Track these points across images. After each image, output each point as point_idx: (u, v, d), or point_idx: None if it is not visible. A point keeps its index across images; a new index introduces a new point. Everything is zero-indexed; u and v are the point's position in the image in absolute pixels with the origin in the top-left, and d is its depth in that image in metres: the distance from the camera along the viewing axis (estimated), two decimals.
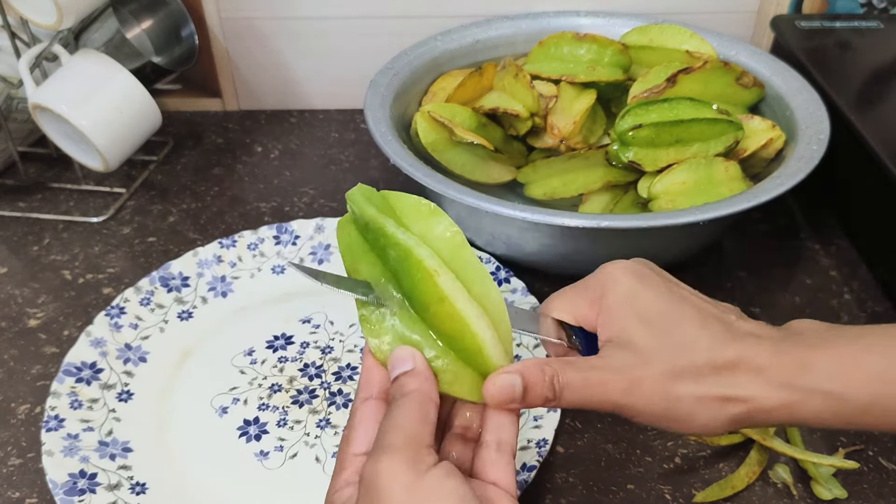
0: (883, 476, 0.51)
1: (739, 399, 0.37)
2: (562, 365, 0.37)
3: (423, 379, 0.36)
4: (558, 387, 0.37)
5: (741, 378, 0.37)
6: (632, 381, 0.37)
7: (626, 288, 0.39)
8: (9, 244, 0.71)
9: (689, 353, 0.37)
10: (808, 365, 0.36)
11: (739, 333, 0.38)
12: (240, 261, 0.65)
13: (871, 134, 0.63)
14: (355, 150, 0.83)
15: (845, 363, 0.36)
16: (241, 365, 0.58)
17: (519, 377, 0.36)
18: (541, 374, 0.36)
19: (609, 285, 0.40)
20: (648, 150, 0.63)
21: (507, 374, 0.36)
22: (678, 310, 0.38)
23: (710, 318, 0.38)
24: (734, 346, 0.37)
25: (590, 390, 0.37)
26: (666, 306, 0.39)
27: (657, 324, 0.38)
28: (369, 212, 0.38)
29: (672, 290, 0.39)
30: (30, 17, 0.66)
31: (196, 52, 0.83)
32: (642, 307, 0.38)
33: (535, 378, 0.36)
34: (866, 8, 0.82)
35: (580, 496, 0.50)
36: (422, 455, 0.33)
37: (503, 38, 0.78)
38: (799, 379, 0.36)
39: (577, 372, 0.37)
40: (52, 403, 0.53)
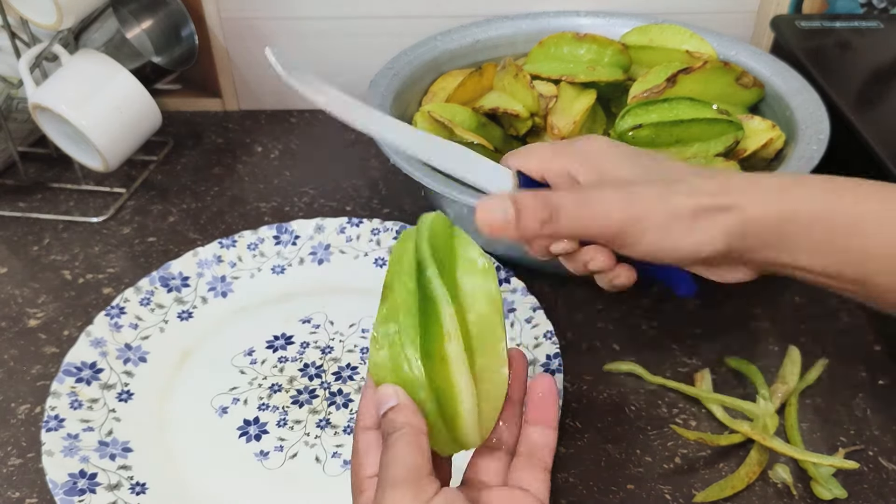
0: (883, 476, 0.51)
1: (733, 207, 0.38)
2: (550, 191, 0.38)
3: (410, 413, 0.36)
4: (553, 207, 0.37)
5: (733, 188, 0.39)
6: (630, 194, 0.38)
7: (600, 142, 0.42)
8: (9, 244, 0.71)
9: (679, 174, 0.40)
10: (800, 181, 0.40)
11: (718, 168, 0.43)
12: (240, 261, 0.65)
13: (871, 134, 0.63)
14: (355, 150, 0.83)
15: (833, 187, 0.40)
16: (241, 365, 0.58)
17: (509, 200, 0.37)
18: (532, 198, 0.37)
19: (582, 140, 0.42)
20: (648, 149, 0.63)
21: (496, 199, 0.37)
22: (654, 156, 0.42)
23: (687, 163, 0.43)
24: (721, 172, 0.40)
25: (588, 208, 0.38)
26: (642, 156, 0.42)
27: (642, 161, 0.41)
28: (423, 248, 0.38)
29: (646, 152, 0.43)
30: (30, 17, 0.66)
31: (196, 52, 0.83)
32: (624, 153, 0.41)
33: (527, 201, 0.37)
34: (866, 8, 0.82)
35: (580, 496, 0.50)
36: (423, 485, 0.34)
37: (503, 38, 0.78)
38: (791, 189, 0.39)
39: (571, 194, 0.38)
40: (52, 403, 0.53)
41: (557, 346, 0.57)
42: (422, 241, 0.38)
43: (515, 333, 0.59)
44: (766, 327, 0.62)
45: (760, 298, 0.64)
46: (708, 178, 0.40)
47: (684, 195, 0.39)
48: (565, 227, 0.37)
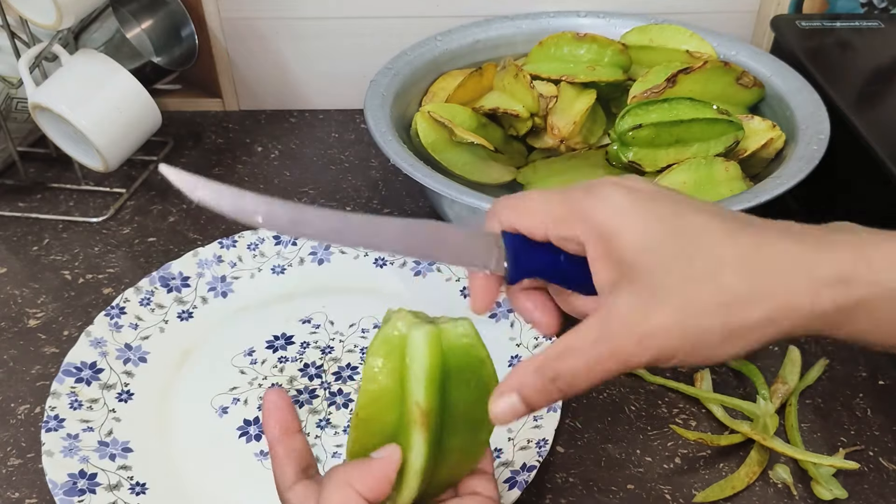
0: (883, 476, 0.51)
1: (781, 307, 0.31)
2: (557, 358, 0.32)
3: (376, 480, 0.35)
4: (565, 384, 0.33)
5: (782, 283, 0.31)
6: (644, 335, 0.31)
7: (623, 204, 0.32)
8: (9, 244, 0.71)
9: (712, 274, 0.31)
10: (866, 256, 0.31)
11: (776, 231, 0.32)
12: (240, 261, 0.65)
13: (871, 134, 0.63)
14: (355, 150, 0.83)
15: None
16: (241, 365, 0.58)
17: (517, 395, 0.33)
18: (540, 383, 0.33)
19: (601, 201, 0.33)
20: (648, 150, 0.63)
21: (505, 396, 0.33)
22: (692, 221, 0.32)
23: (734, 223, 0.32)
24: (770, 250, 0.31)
25: (602, 368, 0.32)
26: (676, 220, 0.32)
27: (667, 244, 0.31)
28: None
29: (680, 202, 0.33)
30: (29, 17, 0.66)
31: (196, 52, 0.83)
32: (646, 224, 0.32)
33: (534, 390, 0.33)
34: (867, 8, 0.82)
35: (580, 496, 0.50)
36: None
37: (503, 38, 0.78)
38: (856, 271, 0.31)
39: (580, 359, 0.32)
40: (52, 403, 0.53)
41: None
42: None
43: (515, 333, 0.59)
44: None
45: None
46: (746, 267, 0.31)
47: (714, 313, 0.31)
48: (580, 391, 0.33)
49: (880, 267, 0.31)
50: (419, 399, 0.34)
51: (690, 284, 0.31)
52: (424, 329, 0.34)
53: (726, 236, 0.32)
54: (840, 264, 0.31)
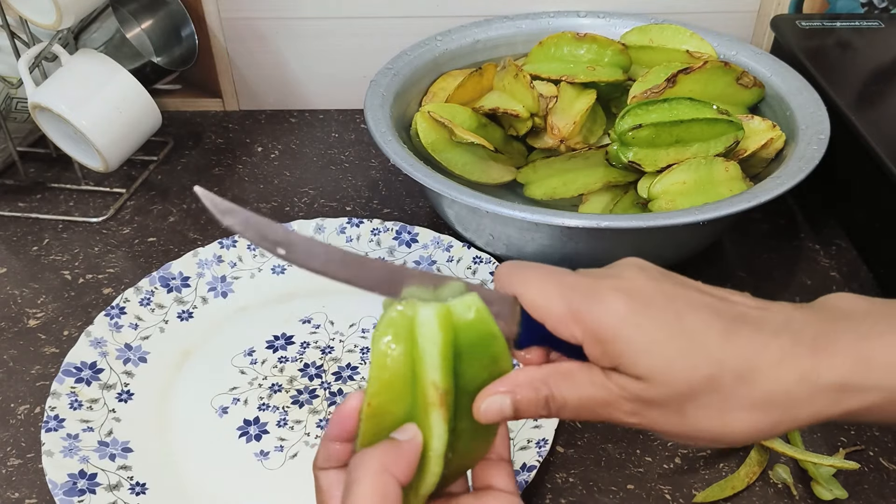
0: (883, 476, 0.51)
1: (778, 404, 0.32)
2: (558, 381, 0.34)
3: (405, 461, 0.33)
4: (555, 407, 0.34)
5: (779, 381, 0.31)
6: (640, 406, 0.33)
7: (622, 311, 0.33)
8: (9, 244, 0.71)
9: (709, 372, 0.32)
10: (866, 359, 0.31)
11: (772, 330, 0.32)
12: (240, 261, 0.65)
13: (871, 134, 0.63)
14: (355, 150, 0.83)
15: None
16: (241, 365, 0.58)
17: (509, 398, 0.33)
18: (534, 395, 0.34)
19: (601, 308, 0.33)
20: (648, 150, 0.63)
21: (497, 395, 0.34)
22: (690, 324, 0.32)
23: (734, 322, 0.33)
24: (769, 350, 0.32)
25: (590, 409, 0.34)
26: (674, 324, 0.32)
27: (666, 347, 0.32)
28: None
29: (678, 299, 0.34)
30: (29, 17, 0.66)
31: (196, 52, 0.83)
32: (645, 331, 0.32)
33: (527, 399, 0.33)
34: (867, 8, 0.82)
35: (580, 496, 0.50)
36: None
37: (503, 38, 0.78)
38: (856, 377, 0.31)
39: (575, 390, 0.33)
40: (52, 403, 0.53)
41: None
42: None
43: None
44: None
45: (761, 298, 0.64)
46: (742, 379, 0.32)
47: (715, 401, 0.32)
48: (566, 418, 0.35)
49: (880, 371, 0.31)
50: (436, 379, 0.33)
51: (690, 380, 0.32)
52: (432, 306, 0.33)
53: (725, 339, 0.32)
54: (839, 371, 0.31)
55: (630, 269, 0.35)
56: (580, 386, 0.34)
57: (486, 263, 0.64)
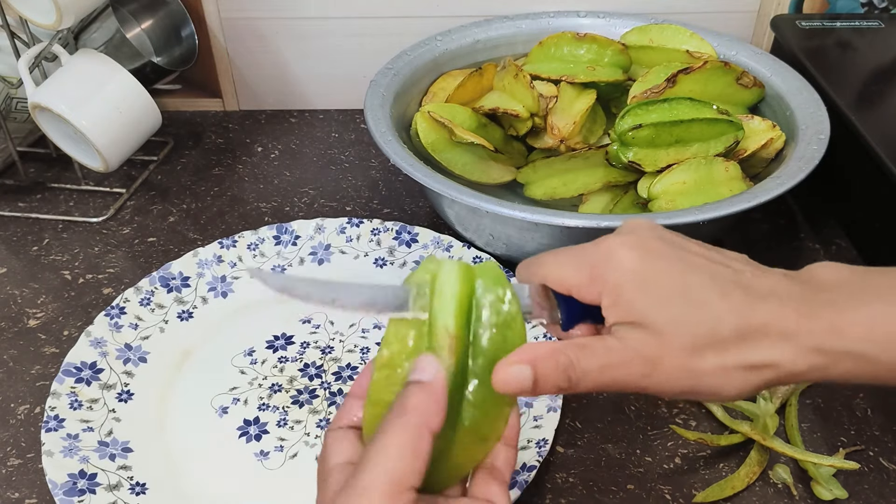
0: (883, 476, 0.51)
1: (768, 365, 0.35)
2: (576, 351, 0.35)
3: (434, 400, 0.33)
4: (574, 377, 0.35)
5: (768, 344, 0.35)
6: (652, 362, 0.35)
7: (632, 266, 0.36)
8: (9, 244, 0.71)
9: (710, 326, 0.35)
10: (839, 328, 0.34)
11: (761, 295, 0.35)
12: (240, 261, 0.65)
13: (871, 134, 0.63)
14: (355, 150, 0.83)
15: (877, 324, 0.34)
16: (241, 365, 0.58)
17: (530, 368, 0.34)
18: (554, 365, 0.34)
19: (613, 264, 0.36)
20: (648, 150, 0.63)
21: (517, 365, 0.34)
22: (693, 282, 0.36)
23: (727, 284, 0.36)
24: (758, 313, 0.35)
25: (608, 375, 0.35)
26: (678, 280, 0.36)
27: (672, 301, 0.35)
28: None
29: (682, 259, 0.37)
30: (29, 17, 0.66)
31: (196, 52, 0.83)
32: (653, 286, 0.35)
33: (548, 369, 0.34)
34: (867, 8, 0.82)
35: (580, 496, 0.50)
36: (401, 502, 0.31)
37: (503, 38, 0.78)
38: (829, 342, 0.34)
39: (594, 358, 0.35)
40: (52, 403, 0.53)
41: None
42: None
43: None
44: None
45: None
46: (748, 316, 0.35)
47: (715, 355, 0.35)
48: (584, 390, 0.35)
49: (850, 340, 0.34)
50: (448, 324, 0.33)
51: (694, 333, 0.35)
52: (456, 262, 0.35)
53: (722, 298, 0.35)
54: (817, 336, 0.35)
55: (640, 228, 0.38)
56: (598, 353, 0.35)
57: None
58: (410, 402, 0.33)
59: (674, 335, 0.35)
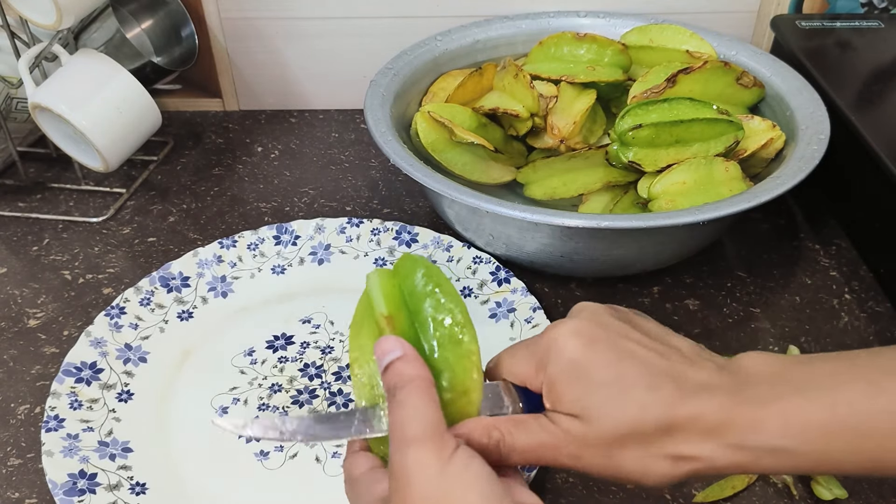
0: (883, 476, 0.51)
1: (690, 458, 0.36)
2: (510, 427, 0.37)
3: (419, 364, 0.36)
4: (505, 450, 0.36)
5: (691, 438, 0.36)
6: (579, 448, 0.36)
7: (570, 355, 0.37)
8: (9, 244, 0.71)
9: (635, 417, 0.36)
10: (758, 425, 0.35)
11: (690, 390, 0.36)
12: (240, 261, 0.65)
13: (871, 134, 0.63)
14: (355, 150, 0.83)
15: (792, 421, 0.35)
16: (241, 365, 0.58)
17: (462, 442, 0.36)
18: (486, 440, 0.36)
19: (553, 354, 0.38)
20: (648, 150, 0.63)
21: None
22: (625, 372, 0.37)
23: (659, 375, 0.37)
24: (684, 408, 0.36)
25: (538, 454, 0.37)
26: (612, 370, 0.37)
27: (601, 391, 0.36)
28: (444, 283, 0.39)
29: (619, 348, 0.38)
30: (29, 17, 0.66)
31: (196, 52, 0.83)
32: (585, 375, 0.37)
33: (479, 443, 0.36)
34: (867, 8, 0.82)
35: (580, 496, 0.50)
36: (445, 441, 0.33)
37: (503, 38, 0.78)
38: (750, 439, 0.35)
39: (526, 436, 0.37)
40: (52, 403, 0.53)
41: None
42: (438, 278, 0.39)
43: (515, 334, 0.59)
44: (765, 327, 0.62)
45: (760, 298, 0.64)
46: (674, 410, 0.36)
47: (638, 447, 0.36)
48: (514, 463, 0.37)
49: (769, 434, 0.35)
50: (382, 310, 0.38)
51: (618, 423, 0.36)
52: (373, 272, 0.40)
53: (650, 390, 0.36)
54: (738, 433, 0.35)
55: (586, 311, 0.40)
56: (531, 431, 0.37)
57: (485, 263, 0.64)
58: (399, 374, 0.35)
59: (599, 424, 0.36)
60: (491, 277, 0.63)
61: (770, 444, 0.35)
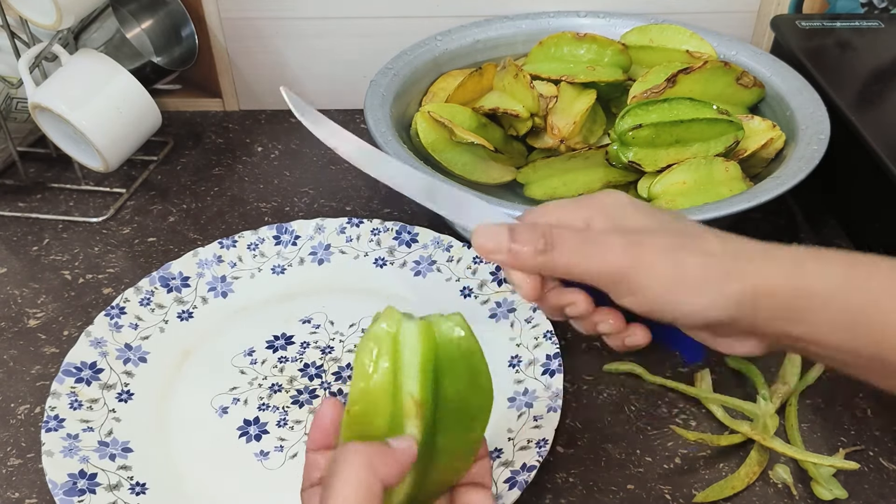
0: (883, 476, 0.51)
1: (744, 274, 0.36)
2: (555, 224, 0.37)
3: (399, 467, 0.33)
4: (551, 240, 0.35)
5: (745, 255, 0.37)
6: (637, 241, 0.36)
7: (627, 197, 0.39)
8: (9, 244, 0.71)
9: (695, 231, 0.37)
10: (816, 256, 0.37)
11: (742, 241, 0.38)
12: (240, 261, 0.65)
13: (871, 134, 0.63)
14: None
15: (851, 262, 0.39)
16: (241, 365, 0.58)
17: (506, 227, 0.35)
18: (530, 228, 0.35)
19: (609, 195, 0.39)
20: (648, 150, 0.63)
21: (494, 225, 0.36)
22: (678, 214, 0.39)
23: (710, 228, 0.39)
24: (738, 239, 0.37)
25: (589, 246, 0.36)
26: (667, 211, 0.39)
27: (659, 216, 0.38)
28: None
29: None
30: (29, 17, 0.66)
31: (196, 52, 0.83)
32: (643, 208, 0.39)
33: (523, 229, 0.35)
34: (867, 8, 0.82)
35: (580, 496, 0.50)
36: None
37: (503, 38, 0.78)
38: (806, 264, 0.37)
39: (574, 230, 0.36)
40: (52, 403, 0.53)
41: (557, 346, 0.57)
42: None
43: (515, 334, 0.59)
44: None
45: None
46: (723, 241, 0.38)
47: (694, 253, 0.36)
48: (562, 263, 0.35)
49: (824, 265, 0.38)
50: (413, 390, 0.34)
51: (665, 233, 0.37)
52: (416, 321, 0.35)
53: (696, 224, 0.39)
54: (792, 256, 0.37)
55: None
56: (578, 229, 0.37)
57: (486, 263, 0.64)
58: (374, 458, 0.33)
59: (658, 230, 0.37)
60: (491, 277, 0.63)
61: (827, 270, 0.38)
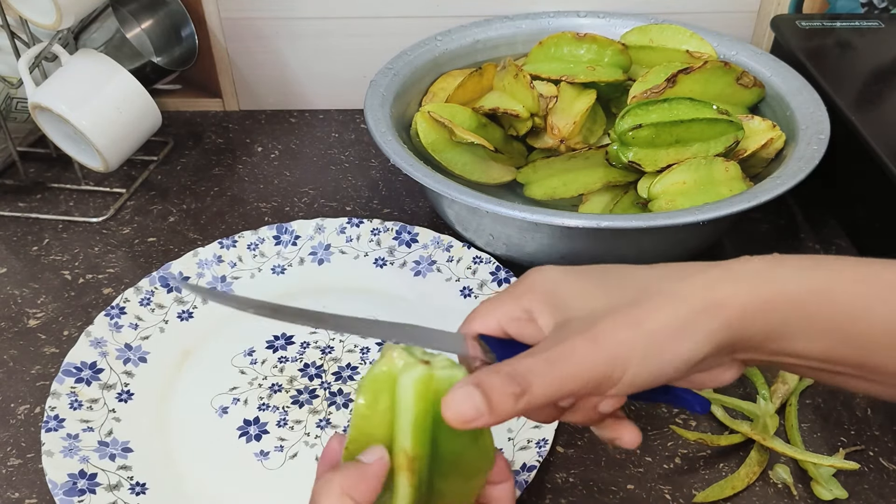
0: (883, 476, 0.51)
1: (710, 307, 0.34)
2: (514, 360, 0.33)
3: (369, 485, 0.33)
4: (521, 379, 0.32)
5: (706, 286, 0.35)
6: (599, 336, 0.33)
7: (557, 271, 0.37)
8: (9, 244, 0.71)
9: (645, 285, 0.35)
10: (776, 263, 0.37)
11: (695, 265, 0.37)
12: (240, 261, 0.65)
13: (871, 134, 0.63)
14: (355, 150, 0.83)
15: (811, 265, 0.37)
16: (241, 365, 0.58)
17: (475, 387, 0.32)
18: (497, 375, 0.32)
19: (536, 277, 0.38)
20: (648, 150, 0.63)
21: (461, 388, 0.32)
22: (620, 269, 0.37)
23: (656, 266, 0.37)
24: (691, 269, 0.36)
25: (559, 367, 0.33)
26: (604, 272, 0.37)
27: (602, 282, 0.36)
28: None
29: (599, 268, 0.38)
30: (29, 17, 0.66)
31: (196, 52, 0.83)
32: (580, 279, 0.37)
33: (492, 381, 0.32)
34: (867, 8, 0.82)
35: (580, 496, 0.50)
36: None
37: (503, 38, 0.78)
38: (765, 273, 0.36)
39: (534, 356, 0.33)
40: (52, 403, 0.53)
41: None
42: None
43: None
44: None
45: None
46: (678, 280, 0.35)
47: (657, 311, 0.34)
48: (541, 396, 0.32)
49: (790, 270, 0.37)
50: (406, 446, 0.34)
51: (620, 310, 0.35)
52: (415, 373, 0.34)
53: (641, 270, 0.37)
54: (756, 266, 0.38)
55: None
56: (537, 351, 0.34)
57: (485, 263, 0.64)
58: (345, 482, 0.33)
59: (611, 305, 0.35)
60: (491, 277, 0.63)
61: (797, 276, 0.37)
